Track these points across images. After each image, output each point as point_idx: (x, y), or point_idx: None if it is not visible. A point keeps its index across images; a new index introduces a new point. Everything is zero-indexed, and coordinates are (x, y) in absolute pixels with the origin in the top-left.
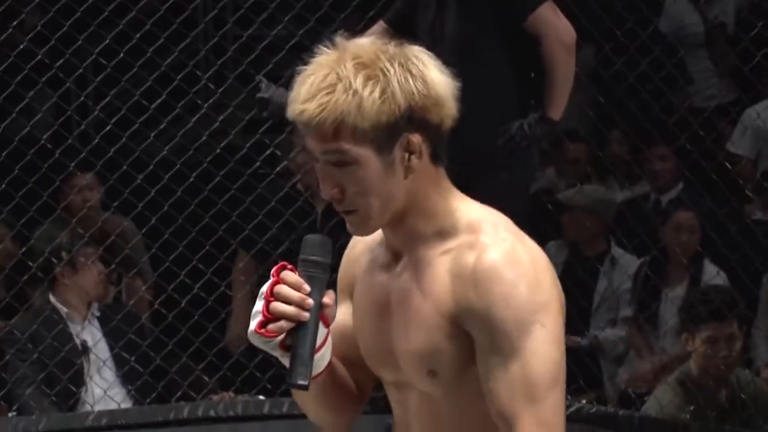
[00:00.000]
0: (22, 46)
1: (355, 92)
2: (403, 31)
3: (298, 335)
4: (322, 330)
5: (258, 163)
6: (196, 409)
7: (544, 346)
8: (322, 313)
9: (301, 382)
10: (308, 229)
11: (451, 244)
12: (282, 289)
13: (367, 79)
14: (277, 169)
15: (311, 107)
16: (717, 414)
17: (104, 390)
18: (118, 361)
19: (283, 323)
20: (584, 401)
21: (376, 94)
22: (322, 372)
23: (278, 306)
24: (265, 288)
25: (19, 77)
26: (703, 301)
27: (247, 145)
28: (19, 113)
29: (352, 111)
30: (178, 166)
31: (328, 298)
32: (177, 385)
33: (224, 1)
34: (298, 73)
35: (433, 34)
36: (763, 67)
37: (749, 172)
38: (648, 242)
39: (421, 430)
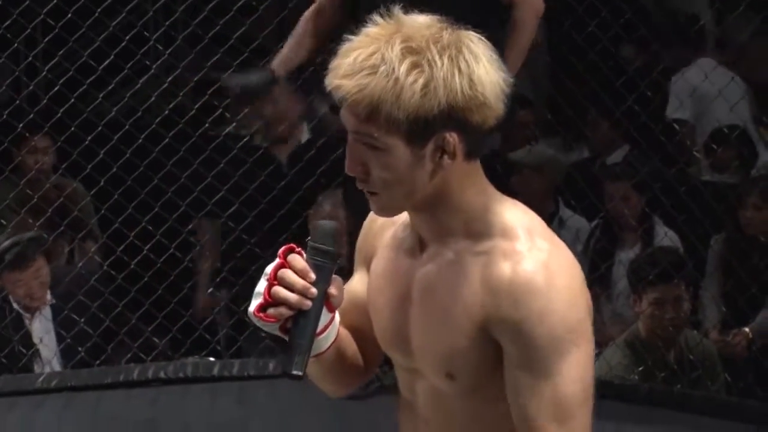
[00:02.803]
0: None
1: (397, 80)
2: None
3: (299, 323)
4: (326, 315)
5: (207, 125)
6: (146, 371)
7: (576, 368)
8: (327, 301)
9: (295, 373)
10: (257, 191)
11: (484, 246)
12: (287, 273)
13: (412, 67)
14: (226, 130)
15: (349, 85)
16: (665, 375)
17: (53, 353)
18: (68, 323)
19: (283, 309)
20: None
21: (418, 86)
22: (325, 351)
23: (280, 291)
24: (269, 269)
25: None
26: (651, 263)
27: (196, 106)
28: None
29: (389, 99)
30: (127, 127)
31: (334, 288)
32: (127, 348)
33: None
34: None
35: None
36: None
37: (691, 135)
38: (597, 204)
39: (429, 419)
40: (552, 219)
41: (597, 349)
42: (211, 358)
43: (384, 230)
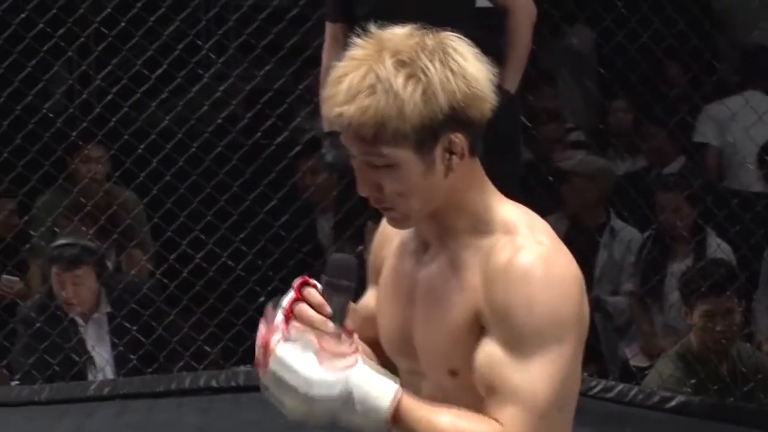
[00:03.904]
0: (23, 15)
1: (396, 94)
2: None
3: None
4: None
5: (259, 134)
6: (197, 380)
7: (554, 363)
8: (345, 326)
9: None
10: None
11: (485, 242)
12: (303, 309)
13: (408, 78)
14: (278, 139)
15: (350, 110)
16: (718, 388)
17: (106, 360)
18: (120, 331)
19: None
20: (585, 374)
21: (418, 95)
22: None
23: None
24: (285, 302)
25: (20, 46)
26: (702, 275)
27: (249, 115)
28: (21, 83)
29: (393, 115)
30: (179, 136)
31: (351, 321)
32: (179, 356)
33: None
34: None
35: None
36: None
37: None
38: (650, 215)
39: None
40: (603, 229)
41: (649, 361)
42: None
43: (391, 240)
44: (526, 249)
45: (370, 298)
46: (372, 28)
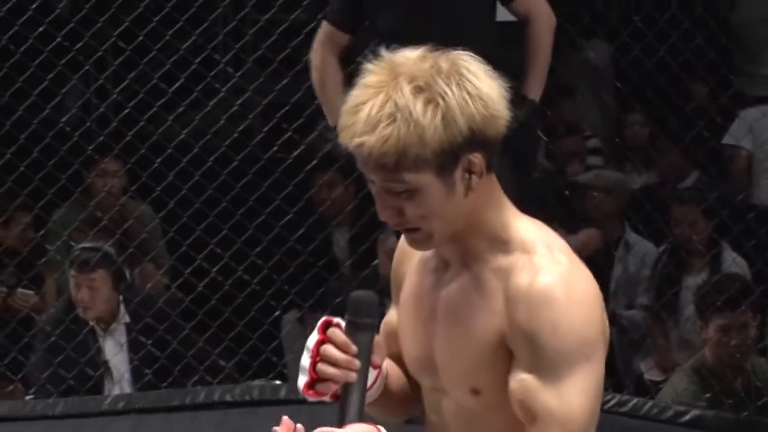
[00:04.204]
0: (41, 29)
1: (417, 122)
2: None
3: (347, 392)
4: (372, 372)
5: (276, 148)
6: (212, 394)
7: (585, 380)
8: (371, 361)
9: None
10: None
11: (504, 261)
12: (328, 350)
13: (427, 104)
14: (295, 153)
15: (372, 140)
16: (733, 402)
17: (122, 373)
18: (135, 345)
19: (330, 385)
20: None
21: (438, 120)
22: (374, 400)
23: (325, 369)
24: (311, 343)
25: (38, 60)
26: (717, 289)
27: (265, 129)
28: (38, 96)
29: (414, 142)
30: (196, 149)
31: (377, 357)
32: (193, 370)
33: None
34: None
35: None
36: None
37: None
38: (665, 229)
39: None
40: (618, 243)
41: (664, 375)
42: (278, 381)
43: (412, 257)
44: (545, 270)
45: (392, 315)
46: (383, 52)
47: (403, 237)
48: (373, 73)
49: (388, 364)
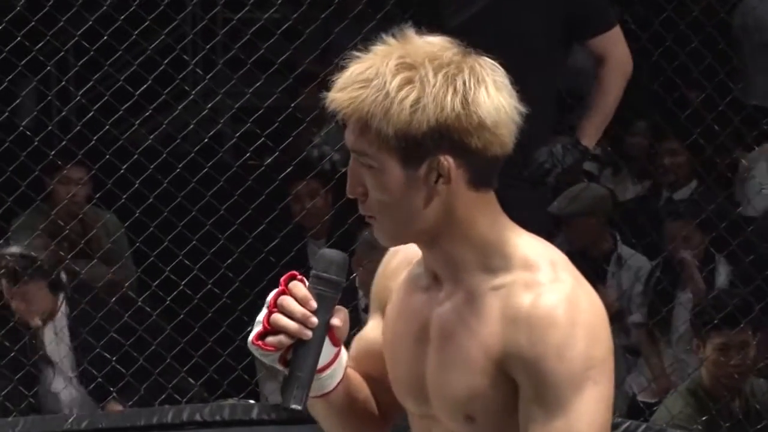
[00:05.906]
0: (0, 28)
1: (387, 94)
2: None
3: (298, 354)
4: (330, 348)
5: (248, 154)
6: (180, 413)
7: (592, 405)
8: (331, 332)
9: (294, 406)
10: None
11: (503, 279)
12: (286, 301)
13: (405, 83)
14: (269, 160)
15: (341, 98)
16: (730, 425)
17: (81, 393)
18: (100, 362)
19: (282, 338)
20: None
21: (408, 102)
22: (331, 390)
23: (280, 319)
24: (270, 296)
25: None
26: (715, 306)
27: (237, 134)
28: None
29: (378, 113)
30: (164, 155)
31: (338, 320)
32: (161, 388)
33: None
34: None
35: (482, 21)
36: None
37: None
38: (659, 243)
39: None
40: (609, 257)
41: (657, 398)
42: (250, 401)
43: (399, 271)
44: (548, 291)
45: (371, 330)
46: (411, 30)
47: (390, 251)
48: (385, 43)
49: (354, 374)
